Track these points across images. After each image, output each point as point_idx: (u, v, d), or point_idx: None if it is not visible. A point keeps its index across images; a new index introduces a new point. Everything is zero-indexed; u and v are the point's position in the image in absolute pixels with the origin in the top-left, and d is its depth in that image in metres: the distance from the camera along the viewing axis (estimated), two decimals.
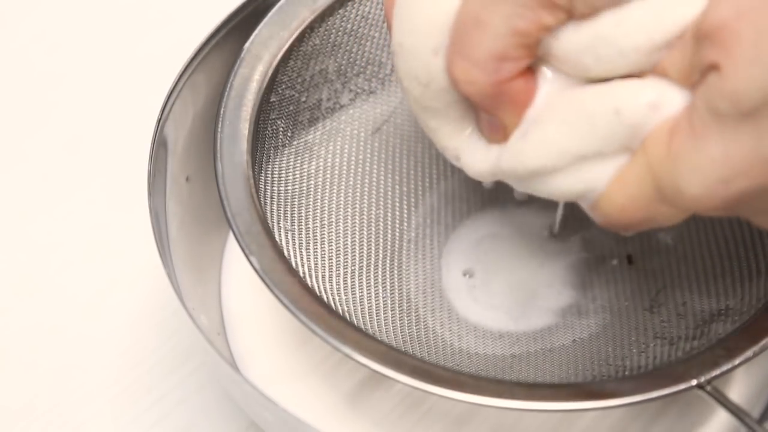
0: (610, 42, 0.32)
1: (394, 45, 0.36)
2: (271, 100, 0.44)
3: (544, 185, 0.35)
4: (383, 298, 0.44)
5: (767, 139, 0.29)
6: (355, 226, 0.46)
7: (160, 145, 0.44)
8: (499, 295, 0.46)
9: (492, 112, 0.35)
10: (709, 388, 0.36)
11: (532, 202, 0.48)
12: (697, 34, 0.30)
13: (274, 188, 0.43)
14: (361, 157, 0.48)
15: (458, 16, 0.33)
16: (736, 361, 0.37)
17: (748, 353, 0.37)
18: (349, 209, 0.46)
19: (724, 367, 0.36)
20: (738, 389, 0.46)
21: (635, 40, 0.32)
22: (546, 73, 0.34)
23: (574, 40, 0.33)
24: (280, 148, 0.45)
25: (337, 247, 0.44)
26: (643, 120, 0.32)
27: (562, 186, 0.34)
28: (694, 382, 0.36)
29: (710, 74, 0.29)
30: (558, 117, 0.33)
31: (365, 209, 0.47)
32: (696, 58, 0.30)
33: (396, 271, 0.46)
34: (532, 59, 0.33)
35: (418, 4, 0.35)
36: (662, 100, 0.32)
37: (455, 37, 0.34)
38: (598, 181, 0.33)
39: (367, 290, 0.44)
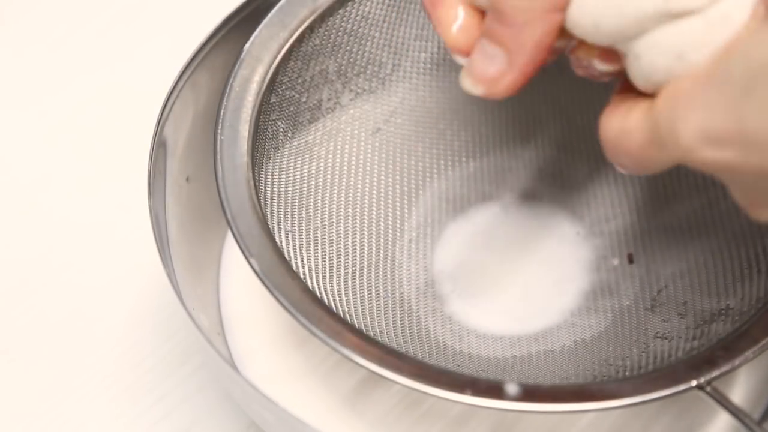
0: None
1: None
2: (271, 101, 0.44)
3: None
4: (383, 299, 0.44)
5: (750, 112, 0.29)
6: (355, 227, 0.46)
7: (160, 145, 0.44)
8: (499, 297, 0.46)
9: None
10: (709, 388, 0.36)
11: (533, 202, 0.48)
12: None
13: (275, 189, 0.43)
14: (361, 157, 0.48)
15: None
16: (736, 362, 0.37)
17: (748, 353, 0.37)
18: (349, 210, 0.46)
19: (724, 368, 0.36)
20: (739, 390, 0.46)
21: None
22: None
23: None
24: (280, 149, 0.45)
25: (337, 248, 0.44)
26: None
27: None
28: (694, 382, 0.36)
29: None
30: None
31: (365, 210, 0.47)
32: None
33: (396, 272, 0.46)
34: None
35: None
36: None
37: None
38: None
39: (368, 291, 0.44)
